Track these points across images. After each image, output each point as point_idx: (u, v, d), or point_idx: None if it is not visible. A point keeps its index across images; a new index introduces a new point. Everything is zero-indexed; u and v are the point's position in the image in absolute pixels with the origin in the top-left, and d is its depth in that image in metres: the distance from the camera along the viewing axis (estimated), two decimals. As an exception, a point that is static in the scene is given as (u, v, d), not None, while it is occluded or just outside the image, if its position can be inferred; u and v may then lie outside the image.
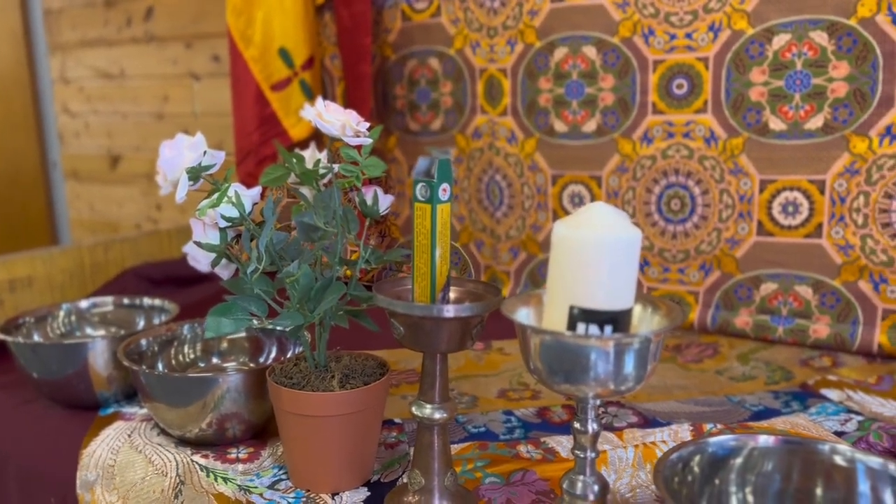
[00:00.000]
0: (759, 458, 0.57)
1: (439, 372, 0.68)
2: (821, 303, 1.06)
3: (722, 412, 0.91)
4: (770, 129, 1.06)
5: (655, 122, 1.14)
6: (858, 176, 1.01)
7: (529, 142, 1.25)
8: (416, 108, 1.37)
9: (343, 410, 0.71)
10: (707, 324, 1.14)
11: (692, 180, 1.13)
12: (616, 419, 0.89)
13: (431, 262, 0.65)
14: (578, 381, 0.58)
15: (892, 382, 0.96)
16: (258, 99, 1.38)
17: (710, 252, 1.14)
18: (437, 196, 0.64)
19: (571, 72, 1.19)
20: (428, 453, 0.68)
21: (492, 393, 0.98)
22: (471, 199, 1.34)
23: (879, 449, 0.80)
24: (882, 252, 1.01)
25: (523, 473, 0.77)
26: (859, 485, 0.54)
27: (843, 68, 0.99)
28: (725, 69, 1.07)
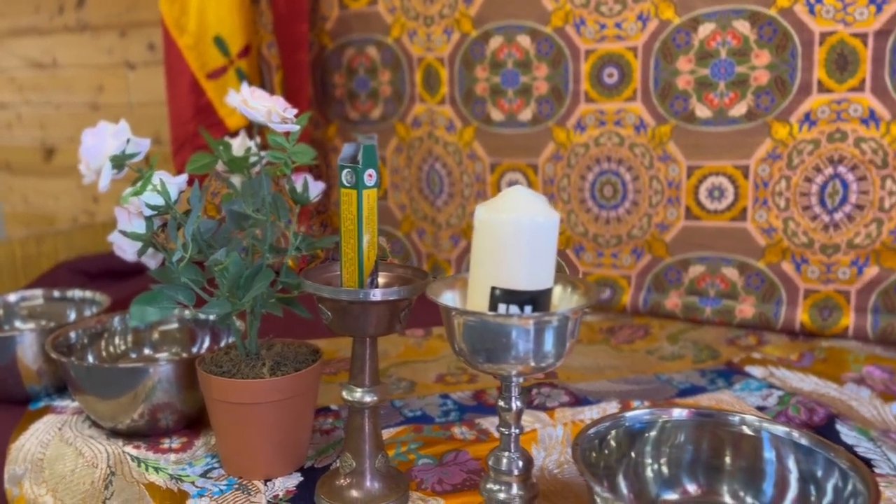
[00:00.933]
0: (672, 430, 0.60)
1: (369, 356, 0.68)
2: (746, 284, 1.11)
3: (650, 390, 0.94)
4: (696, 116, 1.09)
5: (588, 110, 1.16)
6: (780, 161, 1.05)
7: (468, 130, 1.27)
8: (355, 96, 1.37)
9: (273, 397, 0.71)
10: (639, 306, 1.18)
11: (623, 167, 1.16)
12: (549, 399, 0.92)
13: (359, 247, 0.65)
14: (501, 359, 0.59)
15: (812, 359, 1.01)
16: (193, 88, 1.36)
17: (641, 237, 1.17)
18: (362, 181, 0.64)
19: (507, 61, 1.21)
20: (359, 436, 0.69)
21: (430, 378, 1.00)
22: (412, 188, 1.35)
23: (797, 422, 0.84)
24: (803, 234, 1.05)
25: (456, 454, 0.79)
26: (765, 452, 0.57)
27: (764, 57, 1.03)
28: (654, 58, 1.10)
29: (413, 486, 0.72)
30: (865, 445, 0.78)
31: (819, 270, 1.05)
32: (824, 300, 1.05)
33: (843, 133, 1.00)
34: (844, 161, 1.01)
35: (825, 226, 1.04)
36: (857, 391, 0.91)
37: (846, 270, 1.03)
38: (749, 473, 0.58)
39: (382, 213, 1.39)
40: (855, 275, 1.03)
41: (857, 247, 1.02)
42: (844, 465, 0.54)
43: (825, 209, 1.03)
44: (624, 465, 0.59)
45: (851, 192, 1.01)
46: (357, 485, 0.69)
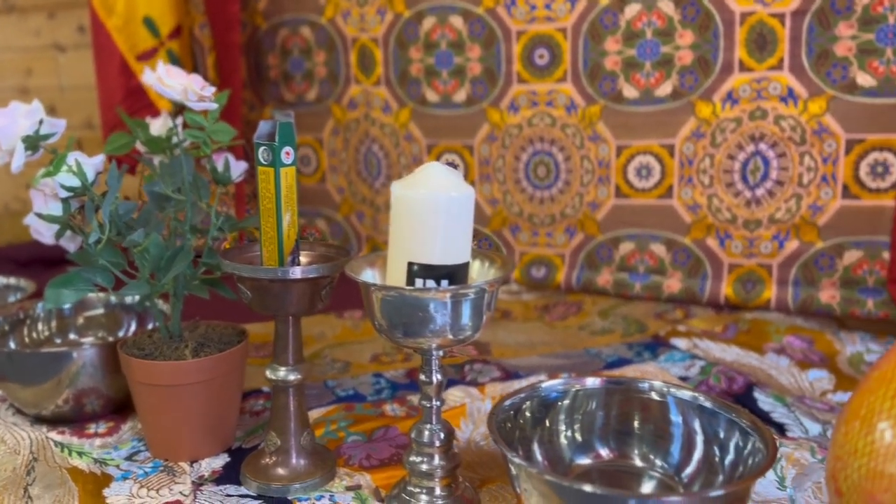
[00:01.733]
0: (584, 398, 0.61)
1: (292, 335, 0.69)
2: (673, 260, 1.14)
3: (579, 363, 0.96)
4: (624, 96, 1.11)
5: (521, 91, 1.18)
6: (704, 139, 1.08)
7: (403, 112, 1.27)
8: (290, 78, 1.35)
9: (196, 378, 0.71)
10: (573, 284, 1.20)
11: (556, 147, 1.18)
12: (480, 375, 0.93)
13: (278, 225, 0.65)
14: (419, 333, 0.60)
15: (736, 330, 1.04)
16: (123, 70, 1.33)
17: (573, 216, 1.19)
18: (279, 159, 0.64)
19: (440, 41, 1.21)
20: (284, 415, 0.69)
21: (365, 358, 1.00)
22: (349, 171, 1.35)
23: (717, 390, 0.87)
24: (727, 210, 1.09)
25: (385, 430, 0.79)
26: (671, 416, 0.59)
27: (688, 37, 1.06)
28: (582, 39, 1.12)
29: (341, 462, 0.73)
30: (780, 411, 0.82)
31: (742, 245, 1.09)
32: (747, 274, 1.09)
33: (764, 111, 1.03)
34: (765, 138, 1.04)
35: (747, 202, 1.07)
36: (776, 360, 0.95)
37: (768, 245, 1.07)
38: (657, 437, 0.60)
39: (321, 196, 1.38)
40: (776, 249, 1.07)
41: (778, 221, 1.06)
42: (745, 424, 0.56)
43: (747, 186, 1.07)
44: (539, 434, 0.61)
45: (772, 168, 1.05)
46: (283, 463, 0.69)
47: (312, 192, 1.39)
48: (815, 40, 0.98)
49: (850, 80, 0.98)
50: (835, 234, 1.03)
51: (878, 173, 0.99)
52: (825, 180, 1.02)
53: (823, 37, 0.98)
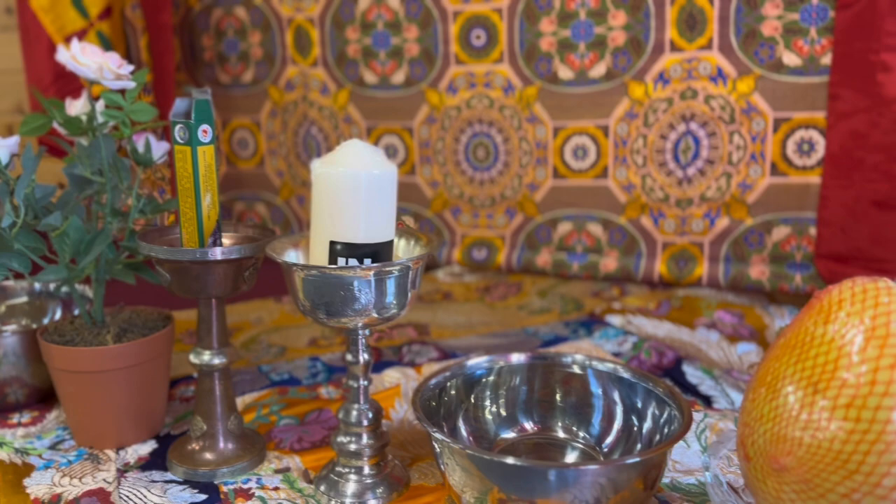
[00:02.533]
0: (508, 374, 0.62)
1: (216, 318, 0.67)
2: (610, 239, 1.15)
3: (517, 342, 0.97)
4: (559, 77, 1.12)
5: (459, 72, 1.17)
6: (637, 120, 1.09)
7: (342, 93, 1.25)
8: (225, 59, 1.33)
9: (119, 364, 0.69)
10: (513, 264, 1.21)
11: (494, 129, 1.18)
12: (418, 356, 0.93)
13: (197, 205, 0.64)
14: (343, 313, 0.60)
15: (669, 307, 1.06)
16: (51, 53, 1.28)
17: (513, 197, 1.20)
18: (196, 138, 0.63)
19: (377, 22, 1.20)
20: (209, 399, 0.69)
21: (302, 342, 0.99)
22: (289, 154, 1.33)
23: (648, 365, 0.89)
24: (660, 189, 1.10)
25: (319, 413, 0.79)
26: (592, 388, 0.60)
27: (620, 17, 1.06)
28: (518, 20, 1.12)
29: (271, 445, 0.72)
30: (708, 383, 0.84)
31: (675, 224, 1.10)
32: (680, 252, 1.11)
33: (694, 91, 1.05)
34: (696, 118, 1.06)
35: (679, 181, 1.09)
36: (707, 335, 0.97)
37: (699, 223, 1.09)
38: (579, 409, 0.61)
39: (260, 180, 1.36)
40: (707, 227, 1.09)
41: (709, 200, 1.08)
42: (661, 393, 0.57)
43: (679, 165, 1.08)
44: (464, 410, 0.61)
45: (703, 147, 1.07)
46: (209, 447, 0.68)
47: (251, 175, 1.36)
48: (742, 20, 1.00)
49: (776, 60, 1.00)
50: (764, 211, 1.05)
51: (805, 151, 1.02)
52: (754, 158, 1.04)
53: (751, 16, 1.00)
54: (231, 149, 1.37)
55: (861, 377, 0.44)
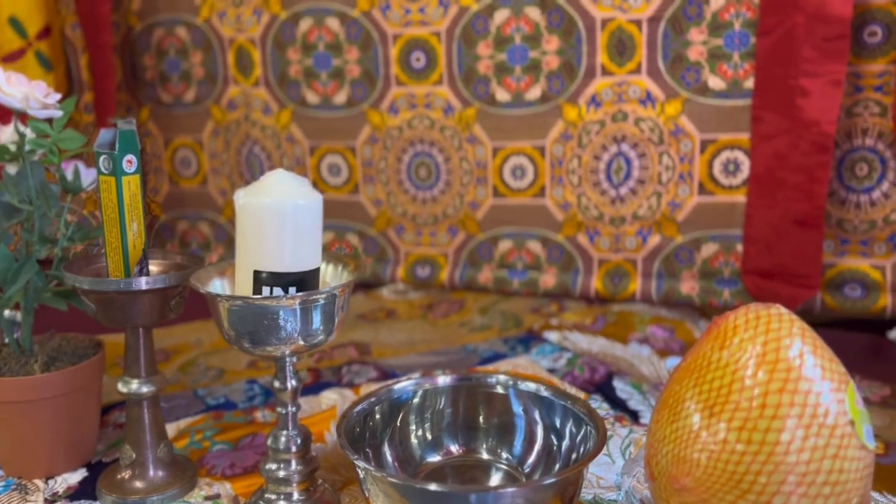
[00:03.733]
0: (433, 396, 0.63)
1: (143, 346, 0.68)
2: (548, 256, 1.18)
3: (456, 360, 0.99)
4: (497, 99, 1.14)
5: (399, 93, 1.19)
6: (572, 141, 1.12)
7: (284, 113, 1.26)
8: (166, 79, 1.32)
9: (47, 394, 0.69)
10: (456, 282, 1.22)
11: (436, 149, 1.20)
12: (357, 376, 0.94)
13: (122, 235, 0.64)
14: (268, 341, 0.60)
15: (604, 322, 1.09)
16: (-14, 71, 1.26)
17: (455, 215, 1.22)
18: (120, 168, 0.63)
19: (318, 43, 1.21)
20: (139, 427, 0.69)
21: (241, 364, 0.99)
22: (231, 173, 1.33)
23: (581, 380, 0.91)
24: (594, 208, 1.14)
25: (253, 437, 0.79)
26: (514, 408, 0.62)
27: (554, 42, 1.09)
28: (456, 43, 1.14)
29: (203, 472, 0.73)
30: (637, 399, 0.86)
31: (609, 241, 1.14)
32: (615, 268, 1.14)
33: (625, 113, 1.08)
34: (626, 139, 1.09)
35: (612, 200, 1.12)
36: (639, 350, 1.00)
37: (632, 240, 1.12)
38: (502, 429, 0.63)
39: (203, 199, 1.36)
40: (640, 244, 1.12)
41: (641, 218, 1.11)
42: (579, 411, 0.59)
43: (612, 185, 1.12)
44: (389, 435, 0.62)
45: (634, 168, 1.10)
46: (139, 476, 0.68)
47: (194, 194, 1.36)
48: (669, 45, 1.04)
49: (702, 83, 1.04)
50: (693, 228, 1.09)
51: (730, 171, 1.06)
52: (682, 178, 1.08)
53: (677, 42, 1.04)
54: (174, 168, 1.36)
55: (752, 401, 0.47)
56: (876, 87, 0.97)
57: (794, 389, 0.46)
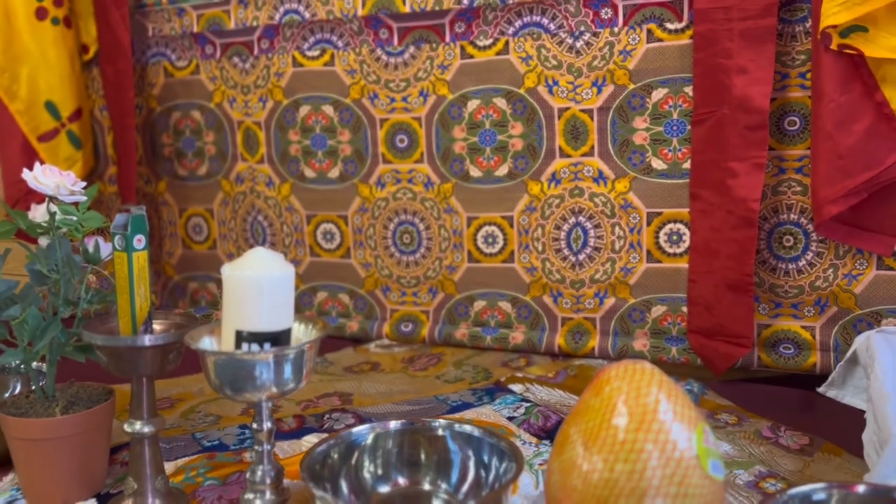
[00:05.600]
0: (383, 438, 0.75)
1: (146, 393, 0.81)
2: (518, 315, 1.30)
3: (427, 409, 1.11)
4: (470, 175, 1.29)
5: (386, 169, 1.34)
6: (536, 213, 1.26)
7: (285, 186, 1.42)
8: (182, 155, 1.49)
9: (65, 433, 0.82)
10: (435, 337, 1.35)
11: (417, 218, 1.34)
12: (337, 423, 1.06)
13: (131, 301, 0.78)
14: (247, 389, 0.73)
15: (565, 375, 1.21)
16: (25, 149, 1.44)
17: (435, 277, 1.35)
18: (132, 246, 0.77)
19: (315, 126, 1.37)
20: (140, 462, 0.81)
21: (236, 412, 1.12)
22: (238, 238, 1.48)
23: (536, 427, 1.02)
24: (557, 272, 1.26)
25: (240, 474, 0.91)
26: (451, 446, 0.74)
27: (518, 128, 1.24)
28: (434, 127, 1.29)
29: (195, 503, 0.85)
30: (583, 444, 0.97)
31: (571, 302, 1.26)
32: (576, 326, 1.26)
33: (581, 189, 1.22)
34: (583, 212, 1.23)
35: (573, 265, 1.25)
36: (593, 401, 1.11)
37: (591, 301, 1.25)
38: (441, 465, 0.74)
39: (211, 261, 1.51)
40: (598, 304, 1.24)
41: (598, 281, 1.24)
42: (502, 447, 0.71)
43: (572, 251, 1.25)
44: (345, 471, 0.74)
45: (590, 237, 1.23)
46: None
47: (204, 257, 1.51)
48: (617, 132, 1.18)
49: (647, 164, 1.18)
50: (643, 291, 1.21)
51: (674, 241, 1.18)
52: (633, 247, 1.21)
53: (624, 129, 1.18)
54: (187, 233, 1.52)
55: (617, 437, 0.59)
56: (797, 169, 1.10)
57: (648, 429, 0.58)
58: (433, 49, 1.26)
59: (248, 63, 1.39)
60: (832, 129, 1.00)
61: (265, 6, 1.34)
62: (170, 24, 1.43)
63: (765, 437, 0.98)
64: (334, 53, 1.32)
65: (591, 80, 1.18)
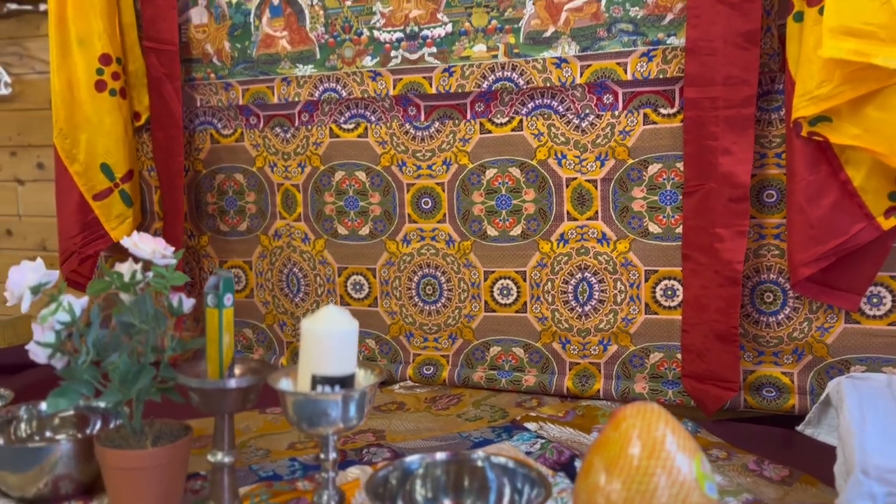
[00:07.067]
0: (432, 467, 0.90)
1: (227, 428, 0.95)
2: (530, 359, 1.45)
3: (453, 445, 1.25)
4: (488, 234, 1.45)
5: (411, 228, 1.50)
6: (546, 269, 1.42)
7: (319, 241, 1.57)
8: (225, 213, 1.65)
9: (154, 463, 0.95)
10: (455, 379, 1.50)
11: (439, 272, 1.50)
12: (375, 456, 1.20)
13: (220, 349, 0.93)
14: (320, 424, 0.88)
15: (574, 415, 1.35)
16: (81, 207, 1.59)
17: (454, 325, 1.50)
18: (222, 303, 0.92)
19: (348, 189, 1.53)
20: (220, 487, 0.95)
21: (283, 446, 1.26)
22: (273, 288, 1.63)
23: (550, 461, 1.17)
24: (565, 321, 1.42)
25: (297, 500, 1.05)
26: (488, 475, 0.89)
27: (531, 194, 1.41)
28: (456, 192, 1.46)
29: (263, 524, 0.98)
30: (593, 475, 1.12)
31: (578, 348, 1.42)
32: (583, 370, 1.42)
33: (587, 249, 1.38)
34: (588, 269, 1.39)
35: (579, 315, 1.41)
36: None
37: (596, 348, 1.40)
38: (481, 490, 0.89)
39: (248, 308, 1.65)
40: (602, 351, 1.40)
41: (602, 330, 1.40)
42: (532, 476, 0.86)
43: (578, 303, 1.41)
44: (402, 493, 0.88)
45: (595, 291, 1.39)
46: (219, 524, 0.94)
47: (242, 305, 1.65)
48: (618, 199, 1.35)
49: (644, 228, 1.35)
50: (642, 340, 1.37)
51: (669, 295, 1.35)
52: (632, 300, 1.37)
53: (624, 197, 1.35)
54: (225, 283, 1.66)
55: (633, 463, 0.74)
56: (775, 236, 1.27)
57: (658, 457, 0.73)
58: (456, 125, 1.44)
59: (290, 133, 1.55)
60: (804, 203, 1.17)
61: (306, 85, 1.52)
62: (217, 97, 1.60)
63: (750, 470, 1.13)
64: (367, 126, 1.49)
65: (594, 155, 1.36)
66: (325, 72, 1.50)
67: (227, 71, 1.58)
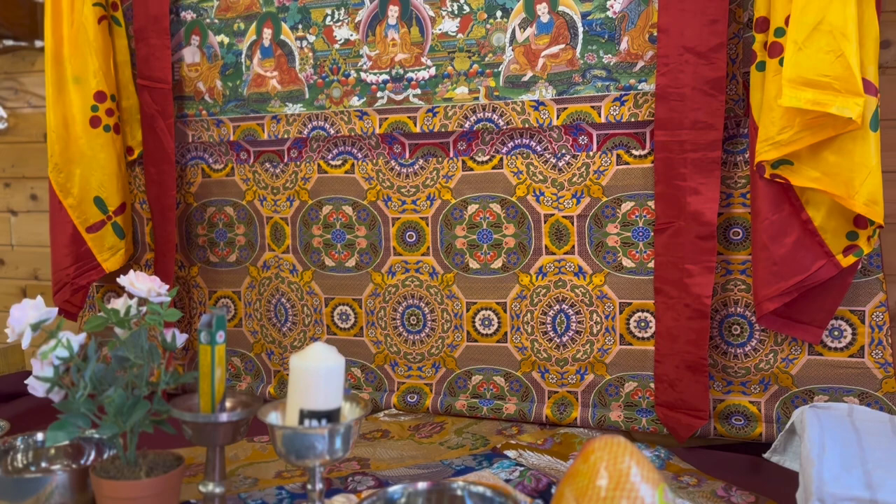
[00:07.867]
0: (414, 497, 0.95)
1: (218, 459, 0.99)
2: (510, 388, 1.51)
3: (435, 472, 1.29)
4: (470, 267, 1.51)
5: (396, 260, 1.56)
6: (526, 300, 1.48)
7: (307, 273, 1.62)
8: (215, 244, 1.69)
9: (148, 492, 1.00)
10: (438, 407, 1.54)
11: (423, 303, 1.55)
12: (359, 484, 1.24)
13: (212, 384, 0.97)
14: (307, 456, 0.93)
15: (552, 442, 1.40)
16: (74, 239, 1.63)
17: (437, 354, 1.55)
18: (215, 340, 0.97)
19: (335, 223, 1.59)
20: (211, 517, 0.99)
21: (270, 475, 1.30)
22: (262, 318, 1.67)
23: (529, 488, 1.22)
24: (544, 351, 1.48)
25: (285, 528, 1.10)
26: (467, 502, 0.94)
27: (511, 228, 1.47)
28: (439, 226, 1.52)
29: (251, 551, 1.02)
30: (569, 501, 1.17)
31: (556, 377, 1.47)
32: (561, 399, 1.47)
33: (564, 282, 1.44)
34: (566, 301, 1.45)
35: (557, 346, 1.46)
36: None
37: (574, 377, 1.46)
38: (460, 519, 0.94)
39: (237, 337, 1.70)
40: (579, 380, 1.46)
41: (579, 360, 1.45)
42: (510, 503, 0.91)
43: (556, 334, 1.46)
44: (384, 521, 0.93)
45: (572, 322, 1.45)
46: (210, 551, 0.98)
47: (230, 334, 1.70)
48: (593, 235, 1.42)
49: (618, 262, 1.41)
50: (618, 369, 1.43)
51: (642, 327, 1.41)
52: (608, 331, 1.43)
53: (598, 233, 1.42)
54: (215, 313, 1.71)
55: (600, 494, 0.79)
56: (741, 271, 1.34)
57: (623, 488, 0.78)
58: (439, 162, 1.50)
59: (279, 168, 1.61)
60: (767, 241, 1.24)
61: (295, 122, 1.58)
62: (208, 133, 1.66)
63: (719, 496, 1.18)
64: (354, 163, 1.55)
65: (571, 193, 1.42)
66: (313, 110, 1.56)
67: (218, 108, 1.64)
